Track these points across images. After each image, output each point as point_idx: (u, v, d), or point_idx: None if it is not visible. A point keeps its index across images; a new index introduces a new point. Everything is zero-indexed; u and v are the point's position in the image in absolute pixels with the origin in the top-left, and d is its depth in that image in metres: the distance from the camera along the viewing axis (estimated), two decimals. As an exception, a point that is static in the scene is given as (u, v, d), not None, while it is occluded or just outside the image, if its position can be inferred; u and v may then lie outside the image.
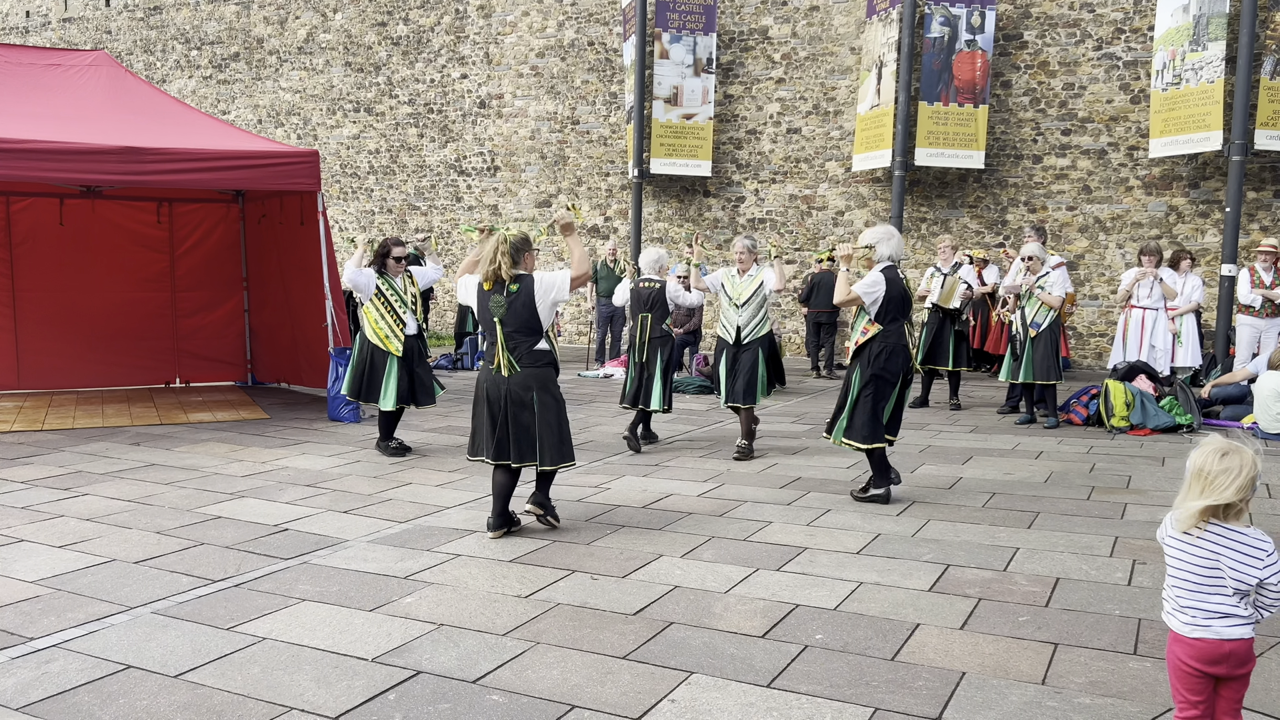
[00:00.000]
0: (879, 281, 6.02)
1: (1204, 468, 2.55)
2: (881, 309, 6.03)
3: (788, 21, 15.27)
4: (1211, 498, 2.52)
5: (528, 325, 5.19)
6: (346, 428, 8.92)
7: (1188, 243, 13.04)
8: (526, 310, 5.18)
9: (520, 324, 5.18)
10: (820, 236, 15.25)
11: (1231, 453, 2.53)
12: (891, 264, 6.13)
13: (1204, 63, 11.98)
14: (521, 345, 5.21)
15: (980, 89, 13.66)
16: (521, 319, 5.18)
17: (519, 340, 5.20)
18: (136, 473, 6.93)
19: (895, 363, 6.04)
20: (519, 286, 5.18)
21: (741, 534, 5.39)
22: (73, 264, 10.87)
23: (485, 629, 3.98)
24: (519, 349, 5.21)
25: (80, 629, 3.97)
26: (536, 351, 5.23)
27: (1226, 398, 9.41)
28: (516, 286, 5.18)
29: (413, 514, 5.83)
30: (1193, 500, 2.55)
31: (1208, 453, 2.57)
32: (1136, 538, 5.27)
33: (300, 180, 9.15)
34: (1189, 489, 2.58)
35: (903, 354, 6.07)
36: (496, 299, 5.19)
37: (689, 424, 9.27)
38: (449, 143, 18.17)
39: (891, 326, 6.04)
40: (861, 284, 6.04)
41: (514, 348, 5.20)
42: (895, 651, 3.74)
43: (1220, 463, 2.53)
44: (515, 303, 5.17)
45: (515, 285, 5.19)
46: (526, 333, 5.20)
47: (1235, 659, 2.59)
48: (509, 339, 5.20)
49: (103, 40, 21.52)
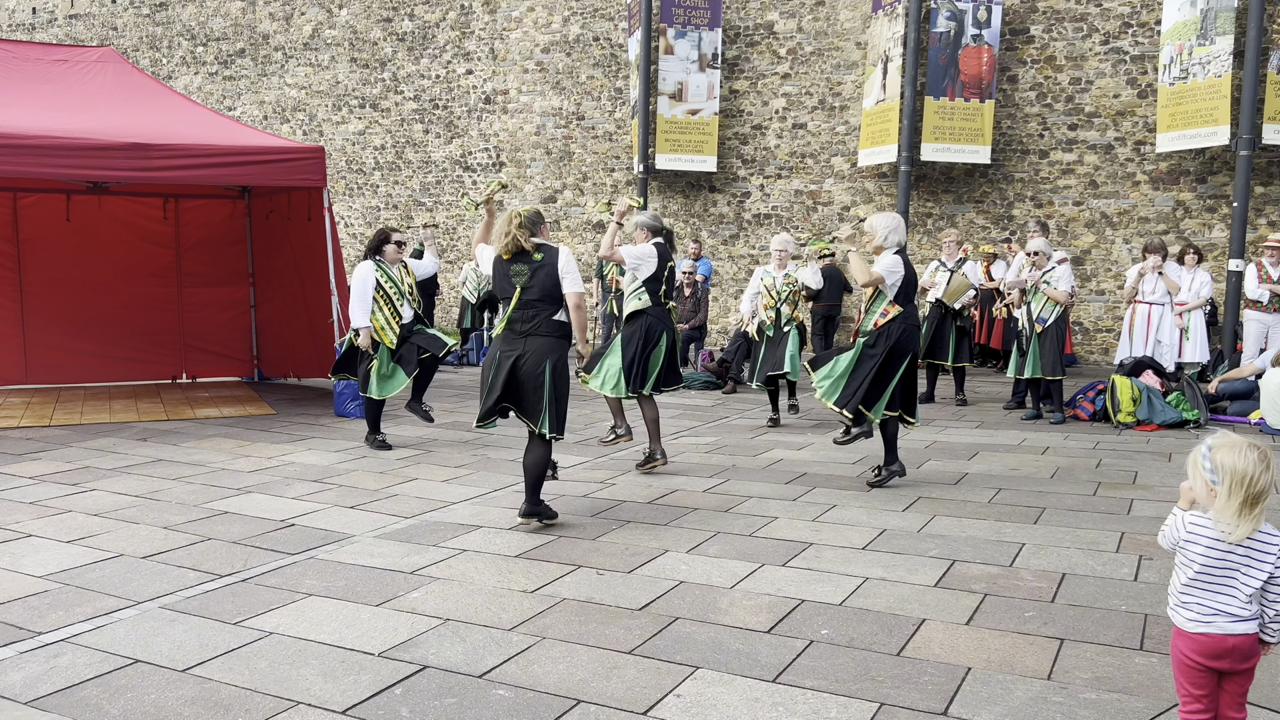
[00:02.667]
0: (899, 263, 6.25)
1: (1244, 470, 2.47)
2: (900, 291, 6.27)
3: (793, 16, 15.24)
4: (1264, 502, 2.48)
5: (550, 295, 5.22)
6: (352, 423, 8.93)
7: (1195, 238, 13.00)
8: (550, 280, 5.21)
9: (544, 293, 5.21)
10: (826, 232, 15.22)
11: (1252, 445, 2.51)
12: (899, 248, 6.34)
13: (1211, 57, 11.93)
14: (542, 314, 5.22)
15: (986, 84, 13.62)
16: (545, 288, 5.21)
17: (540, 309, 5.22)
18: (144, 468, 6.96)
19: (913, 340, 6.31)
20: (544, 256, 5.23)
21: (747, 529, 5.39)
22: (80, 260, 10.91)
23: (491, 624, 3.99)
24: (538, 317, 5.22)
25: (88, 624, 3.99)
26: (555, 322, 5.26)
27: (1234, 393, 9.39)
28: (541, 256, 5.23)
29: (419, 509, 5.85)
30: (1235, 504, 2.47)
31: (1239, 452, 2.49)
32: (1143, 533, 5.27)
33: (306, 176, 9.16)
34: (1231, 495, 2.47)
35: (916, 333, 6.39)
36: (518, 267, 5.21)
37: (695, 419, 9.27)
38: (454, 138, 18.17)
39: (909, 307, 6.30)
40: (882, 266, 6.24)
41: (534, 315, 5.21)
42: (901, 647, 3.75)
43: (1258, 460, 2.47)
44: (540, 271, 5.20)
45: (540, 255, 5.23)
46: (549, 302, 5.23)
47: (1239, 653, 2.59)
48: (530, 306, 5.21)
49: (109, 37, 21.55)
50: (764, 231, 15.59)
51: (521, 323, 5.24)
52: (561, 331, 5.31)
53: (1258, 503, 2.48)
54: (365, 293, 7.56)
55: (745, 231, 15.84)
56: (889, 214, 6.42)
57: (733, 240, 15.94)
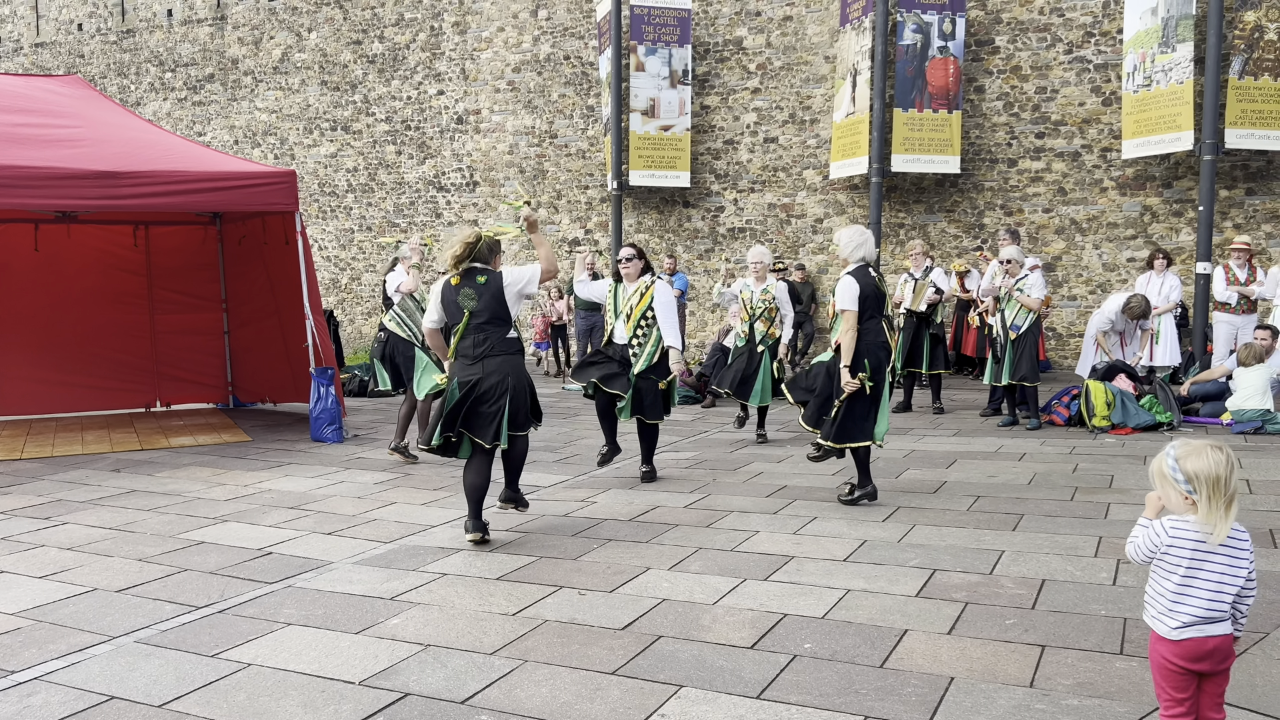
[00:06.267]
0: (851, 283, 6.08)
1: (1215, 473, 2.50)
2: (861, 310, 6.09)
3: (762, 32, 15.36)
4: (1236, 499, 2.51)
5: (498, 316, 5.47)
6: (330, 448, 8.87)
7: (1163, 242, 13.16)
8: (496, 301, 5.47)
9: (492, 314, 5.46)
10: (800, 244, 15.31)
11: (1214, 447, 2.54)
12: (863, 263, 6.18)
13: (1173, 64, 12.12)
14: (493, 335, 5.47)
15: (954, 94, 13.77)
16: (492, 310, 5.46)
17: (490, 331, 5.47)
18: (117, 500, 6.87)
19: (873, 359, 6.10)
20: (487, 279, 5.50)
21: (729, 544, 5.39)
22: (49, 289, 10.78)
23: (473, 648, 3.96)
24: (490, 338, 5.46)
25: (62, 660, 3.92)
26: (508, 339, 5.53)
27: (1205, 395, 9.49)
28: (484, 279, 5.49)
29: (398, 534, 5.80)
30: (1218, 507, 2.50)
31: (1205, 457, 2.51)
32: (1120, 537, 5.30)
33: (277, 201, 9.12)
34: (1210, 498, 2.50)
35: (881, 350, 6.15)
36: (467, 291, 5.46)
37: (674, 434, 9.27)
38: (427, 159, 18.15)
39: (869, 324, 6.10)
40: (841, 298, 6.10)
41: (485, 339, 5.46)
42: (884, 658, 3.75)
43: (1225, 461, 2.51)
44: (485, 294, 5.45)
45: (484, 279, 5.49)
46: (497, 323, 5.48)
47: (1220, 654, 2.61)
48: (480, 330, 5.45)
49: (76, 65, 21.40)
50: (739, 245, 15.66)
51: (474, 347, 5.47)
52: (516, 348, 5.57)
53: (1233, 501, 2.52)
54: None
55: (720, 245, 15.89)
56: (856, 228, 6.32)
57: (708, 255, 16.00)
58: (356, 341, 18.72)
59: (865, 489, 6.25)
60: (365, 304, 19.09)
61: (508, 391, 5.44)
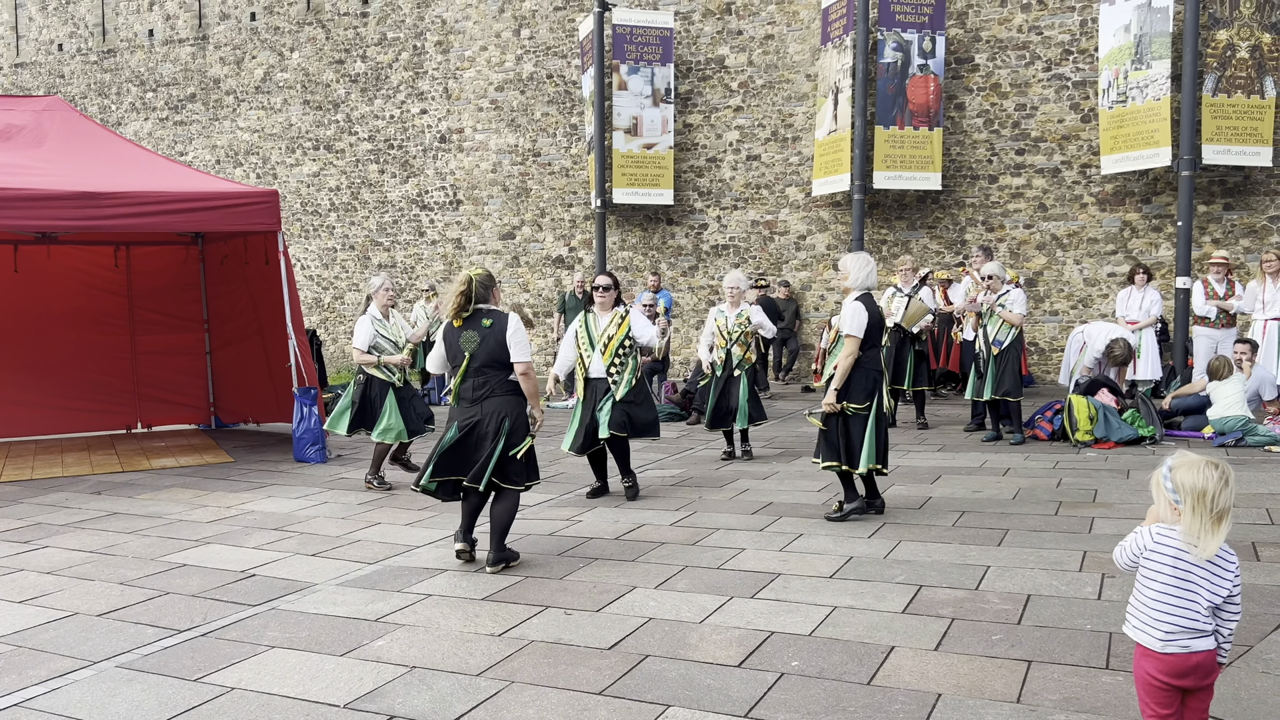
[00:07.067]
0: (860, 311, 6.15)
1: (1203, 487, 2.51)
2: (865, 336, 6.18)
3: (744, 50, 15.47)
4: (1228, 517, 2.52)
5: (498, 360, 5.33)
6: (313, 469, 8.81)
7: (1143, 257, 13.29)
8: (499, 347, 5.32)
9: (492, 358, 5.33)
10: (783, 261, 15.37)
11: (1210, 463, 2.56)
12: (866, 291, 6.27)
13: (1149, 81, 12.27)
14: (493, 379, 5.34)
15: (934, 112, 13.89)
16: (493, 354, 5.32)
17: (489, 374, 5.33)
18: (98, 522, 6.80)
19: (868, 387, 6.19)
20: (492, 322, 5.35)
21: (715, 562, 5.38)
22: (29, 310, 10.70)
23: (459, 670, 3.93)
24: (489, 382, 5.33)
25: (43, 686, 3.87)
26: (509, 382, 5.38)
27: (1187, 408, 9.56)
28: (490, 322, 5.35)
29: (382, 554, 5.77)
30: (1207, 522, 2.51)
31: (1196, 471, 2.53)
32: (1104, 551, 5.32)
33: (259, 220, 9.09)
34: (1195, 511, 2.52)
35: (879, 376, 6.27)
36: (469, 334, 5.35)
37: (660, 452, 9.26)
38: (410, 178, 18.15)
39: (870, 352, 6.21)
40: (848, 324, 6.16)
41: (484, 382, 5.33)
42: (871, 675, 3.74)
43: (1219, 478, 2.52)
44: (489, 339, 5.32)
45: (489, 321, 5.35)
46: (498, 367, 5.34)
47: (1203, 670, 2.62)
48: (480, 373, 5.32)
49: (56, 85, 21.33)
50: (722, 262, 15.71)
51: (474, 389, 5.35)
52: (516, 389, 5.41)
53: (1223, 519, 2.53)
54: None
55: (704, 262, 15.94)
56: (862, 255, 6.35)
57: (691, 271, 16.04)
58: (339, 361, 18.64)
59: (855, 503, 6.31)
60: (348, 323, 19.02)
61: (502, 433, 5.28)
